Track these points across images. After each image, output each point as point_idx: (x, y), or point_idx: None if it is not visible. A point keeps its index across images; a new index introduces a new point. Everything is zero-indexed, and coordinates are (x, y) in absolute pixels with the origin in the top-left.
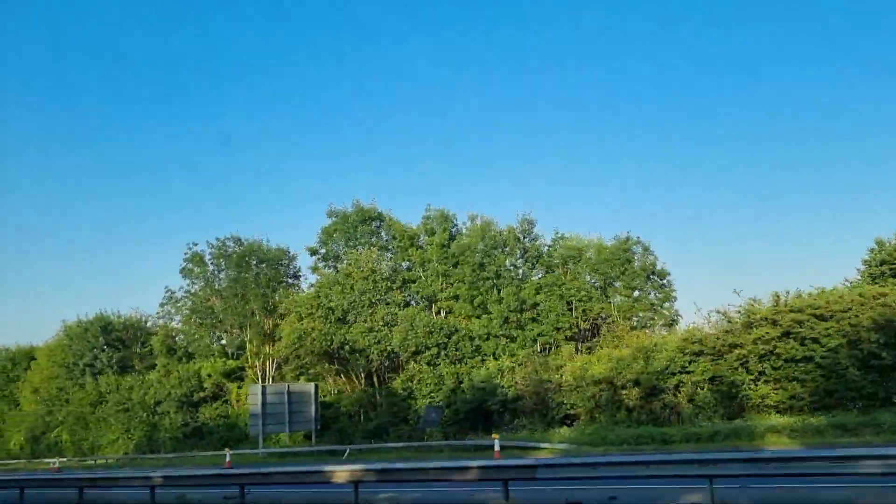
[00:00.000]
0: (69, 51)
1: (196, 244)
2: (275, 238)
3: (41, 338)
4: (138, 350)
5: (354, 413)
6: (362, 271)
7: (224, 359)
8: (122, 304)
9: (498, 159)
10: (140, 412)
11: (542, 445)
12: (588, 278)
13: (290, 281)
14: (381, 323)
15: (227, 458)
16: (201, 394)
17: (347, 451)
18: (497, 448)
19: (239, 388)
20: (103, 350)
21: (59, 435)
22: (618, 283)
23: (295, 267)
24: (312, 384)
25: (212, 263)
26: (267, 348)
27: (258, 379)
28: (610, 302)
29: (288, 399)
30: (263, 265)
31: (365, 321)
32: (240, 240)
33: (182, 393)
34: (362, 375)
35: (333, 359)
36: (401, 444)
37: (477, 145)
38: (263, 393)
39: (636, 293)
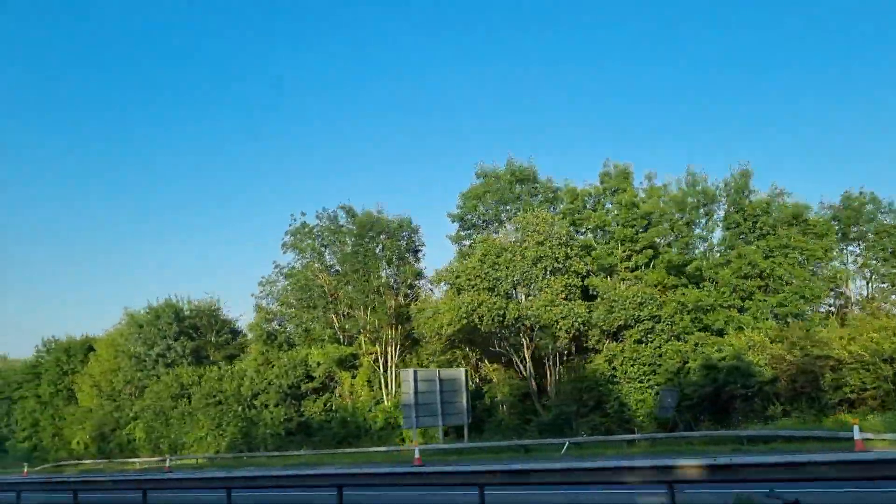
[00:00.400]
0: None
1: (304, 213)
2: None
3: (90, 327)
4: (213, 339)
5: (513, 403)
6: (536, 235)
7: (336, 344)
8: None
9: (663, 113)
10: (234, 406)
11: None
12: (821, 240)
13: (409, 256)
14: (562, 296)
15: (417, 455)
16: (310, 384)
17: (567, 444)
18: None
19: (353, 377)
20: (176, 339)
21: (131, 432)
22: (854, 247)
23: (419, 239)
24: (461, 370)
25: (319, 237)
26: (390, 331)
27: (380, 367)
28: (852, 266)
29: (440, 387)
30: (382, 236)
31: (537, 293)
32: (352, 210)
33: (287, 383)
34: (527, 358)
35: (495, 339)
36: (634, 436)
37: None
38: (415, 379)
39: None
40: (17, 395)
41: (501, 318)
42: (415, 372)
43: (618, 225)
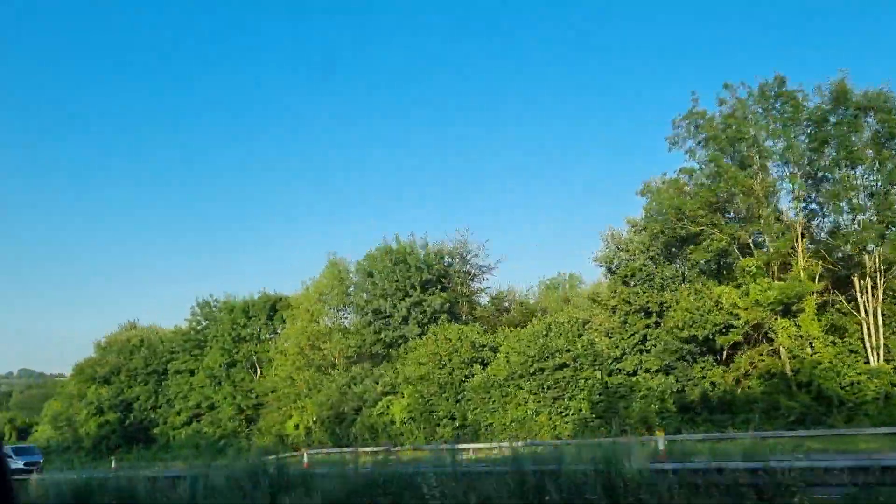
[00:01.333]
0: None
1: (732, 83)
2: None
3: (239, 287)
4: (467, 290)
5: None
6: None
7: (767, 279)
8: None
9: None
10: (587, 372)
11: None
12: None
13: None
14: None
15: None
16: (723, 338)
17: None
18: None
19: (796, 326)
20: (424, 290)
21: (385, 412)
22: None
23: None
24: None
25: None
26: (870, 257)
27: (863, 312)
28: None
29: None
30: (848, 116)
31: None
32: (783, 81)
33: (682, 338)
34: None
35: None
36: None
37: None
38: None
39: None
40: (171, 367)
41: None
42: None
43: None
